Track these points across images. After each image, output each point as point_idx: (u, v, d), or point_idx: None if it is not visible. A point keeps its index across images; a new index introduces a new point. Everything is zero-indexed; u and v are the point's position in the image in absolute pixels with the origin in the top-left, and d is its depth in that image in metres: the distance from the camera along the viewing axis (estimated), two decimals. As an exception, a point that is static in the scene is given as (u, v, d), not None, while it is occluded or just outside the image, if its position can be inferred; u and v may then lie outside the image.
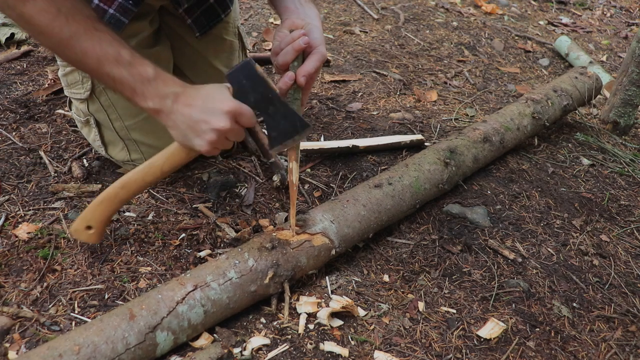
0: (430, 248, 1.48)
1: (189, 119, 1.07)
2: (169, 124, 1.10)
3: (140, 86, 1.07)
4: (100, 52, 1.04)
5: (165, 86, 1.07)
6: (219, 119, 1.05)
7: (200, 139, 1.08)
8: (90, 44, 1.04)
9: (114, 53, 1.05)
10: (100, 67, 1.06)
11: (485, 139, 1.76)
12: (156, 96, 1.07)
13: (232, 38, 1.66)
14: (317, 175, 1.73)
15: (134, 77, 1.06)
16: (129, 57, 1.05)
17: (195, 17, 1.50)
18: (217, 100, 1.06)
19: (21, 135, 1.71)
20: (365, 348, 1.15)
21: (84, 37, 1.03)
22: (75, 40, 1.03)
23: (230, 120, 1.06)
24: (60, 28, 1.02)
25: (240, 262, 1.15)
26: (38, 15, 1.00)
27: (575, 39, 3.56)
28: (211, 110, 1.05)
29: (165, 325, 1.02)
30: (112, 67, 1.05)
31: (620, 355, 1.25)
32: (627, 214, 1.79)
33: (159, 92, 1.07)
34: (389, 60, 2.72)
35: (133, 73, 1.06)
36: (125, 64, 1.05)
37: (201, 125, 1.06)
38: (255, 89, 1.08)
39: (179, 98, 1.07)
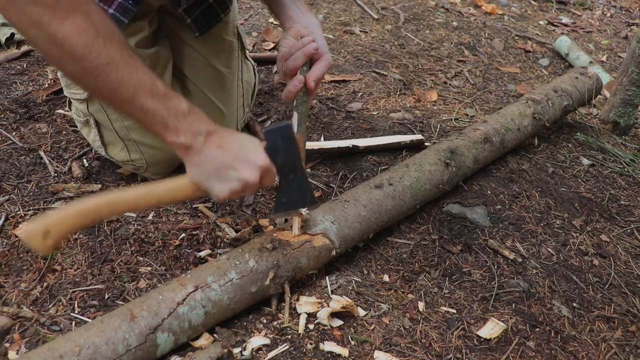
0: (430, 248, 1.48)
1: (219, 162, 1.03)
2: (194, 161, 1.05)
3: (173, 120, 1.01)
4: (137, 81, 0.97)
5: (199, 123, 1.04)
6: (250, 171, 1.03)
7: (223, 185, 1.05)
8: (128, 72, 0.96)
9: (150, 84, 0.99)
10: (135, 97, 0.99)
11: (486, 140, 1.76)
12: (189, 132, 1.02)
13: (231, 38, 1.65)
14: (317, 175, 1.73)
15: (169, 111, 1.01)
16: (163, 89, 1.01)
17: (195, 16, 1.50)
18: (252, 153, 1.05)
19: (21, 135, 1.71)
20: (365, 348, 1.15)
21: (121, 65, 0.95)
22: (112, 67, 0.94)
23: (258, 175, 1.04)
24: (98, 52, 0.92)
25: (241, 263, 1.15)
26: (76, 35, 0.90)
27: (575, 39, 3.56)
28: (245, 161, 1.03)
29: (166, 326, 1.02)
30: (147, 98, 0.99)
31: (620, 355, 1.25)
32: (627, 214, 1.79)
33: (192, 128, 1.03)
34: (389, 60, 2.72)
35: (168, 106, 1.00)
36: (161, 97, 1.00)
37: (229, 172, 1.03)
38: (287, 152, 1.09)
39: (212, 137, 1.04)
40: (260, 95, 2.19)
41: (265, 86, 2.26)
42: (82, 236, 1.35)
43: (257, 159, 1.05)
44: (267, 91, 2.23)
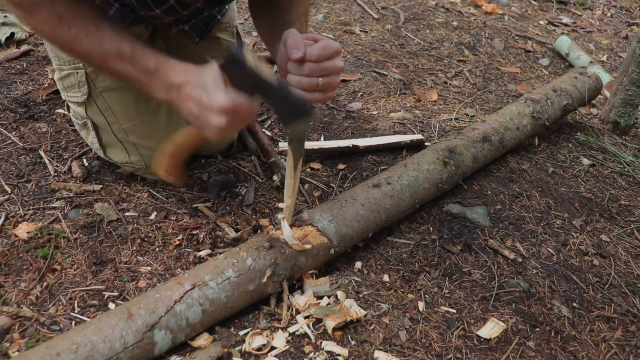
0: (430, 248, 1.48)
1: (194, 113, 1.07)
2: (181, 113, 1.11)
3: (145, 78, 1.09)
4: (102, 50, 1.08)
5: (167, 77, 1.08)
6: (214, 117, 1.04)
7: (207, 130, 1.08)
8: (91, 44, 1.08)
9: (115, 50, 1.08)
10: (105, 64, 1.11)
11: (485, 139, 1.76)
12: (162, 87, 1.09)
13: (230, 38, 1.65)
14: (317, 175, 1.73)
15: (138, 71, 1.09)
16: (129, 51, 1.08)
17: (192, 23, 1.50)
18: (212, 95, 1.03)
19: (21, 135, 1.71)
20: (365, 348, 1.15)
21: (85, 40, 1.08)
22: (77, 43, 1.08)
23: (225, 117, 1.04)
24: (62, 34, 1.08)
25: (239, 262, 1.15)
26: (42, 24, 1.07)
27: (576, 38, 3.56)
28: (207, 107, 1.04)
29: (163, 324, 1.02)
30: (115, 63, 1.09)
31: (620, 355, 1.25)
32: (627, 214, 1.79)
33: (164, 83, 1.09)
34: (389, 60, 2.72)
35: (136, 67, 1.08)
36: (127, 59, 1.08)
37: (203, 122, 1.07)
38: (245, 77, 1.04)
39: (182, 89, 1.07)
40: (260, 95, 2.19)
41: (265, 86, 2.26)
42: (82, 236, 1.35)
43: (215, 102, 1.02)
44: (267, 91, 2.23)
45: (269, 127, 1.97)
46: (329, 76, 1.07)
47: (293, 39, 1.06)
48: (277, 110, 1.11)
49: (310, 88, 1.07)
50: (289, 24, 1.24)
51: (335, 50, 1.06)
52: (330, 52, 1.05)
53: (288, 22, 1.25)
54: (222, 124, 1.04)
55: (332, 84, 1.09)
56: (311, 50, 1.04)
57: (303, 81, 1.06)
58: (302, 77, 1.06)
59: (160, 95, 1.11)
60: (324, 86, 1.07)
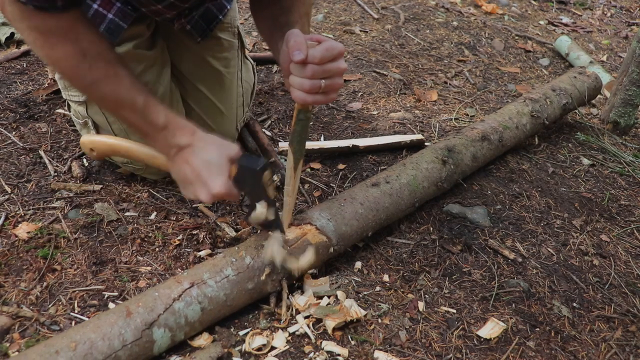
0: (430, 248, 1.48)
1: (183, 175, 1.15)
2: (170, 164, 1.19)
3: (152, 132, 1.15)
4: (117, 98, 1.12)
5: (172, 137, 1.14)
6: (204, 194, 1.12)
7: (187, 192, 1.17)
8: (109, 90, 1.11)
9: (130, 100, 1.11)
10: (117, 111, 1.16)
11: (484, 138, 1.76)
12: (164, 144, 1.16)
13: (231, 38, 1.65)
14: (317, 175, 1.73)
15: (147, 124, 1.14)
16: (142, 104, 1.12)
17: (194, 22, 1.50)
18: (212, 179, 1.10)
19: (21, 135, 1.71)
20: (365, 348, 1.15)
21: (103, 84, 1.10)
22: (96, 86, 1.11)
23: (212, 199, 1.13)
24: (83, 74, 1.09)
25: (237, 260, 1.15)
26: (65, 60, 1.07)
27: (576, 38, 3.56)
28: (203, 184, 1.11)
29: (162, 322, 1.02)
30: (127, 112, 1.14)
31: (620, 355, 1.25)
32: (627, 214, 1.79)
33: (167, 141, 1.14)
34: (389, 60, 2.72)
35: (146, 120, 1.13)
36: (140, 111, 1.12)
37: (189, 187, 1.15)
38: (253, 187, 1.13)
39: (183, 152, 1.14)
40: (260, 94, 2.19)
41: (265, 86, 2.26)
42: (82, 236, 1.35)
43: (213, 187, 1.10)
44: (267, 91, 2.23)
45: (269, 127, 1.97)
46: (332, 78, 1.06)
47: (295, 40, 1.04)
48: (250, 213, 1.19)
49: (312, 90, 1.06)
50: (291, 23, 1.23)
51: (339, 51, 1.05)
52: (333, 54, 1.04)
53: (290, 22, 1.24)
54: (205, 200, 1.13)
55: (335, 86, 1.08)
56: (314, 52, 1.03)
57: (305, 83, 1.05)
58: (304, 79, 1.05)
59: (159, 149, 1.18)
60: (326, 88, 1.06)
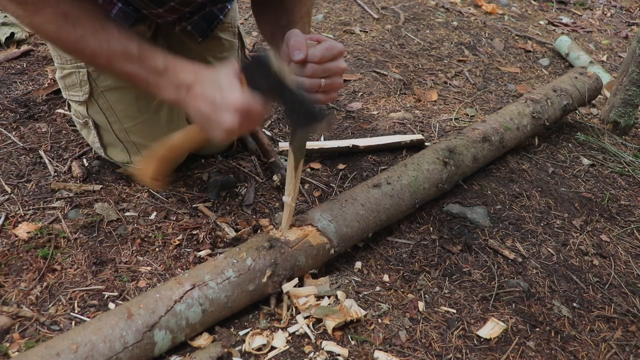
0: (430, 248, 1.48)
1: (204, 113, 1.06)
2: (187, 111, 1.11)
3: (153, 78, 1.07)
4: (108, 50, 1.06)
5: (176, 77, 1.07)
6: (229, 117, 1.03)
7: (216, 131, 1.07)
8: (98, 44, 1.05)
9: (122, 49, 1.05)
10: (111, 64, 1.08)
11: (485, 139, 1.76)
12: (170, 87, 1.08)
13: (232, 38, 1.65)
14: (317, 175, 1.73)
15: (146, 70, 1.07)
16: (137, 51, 1.06)
17: (195, 23, 1.50)
18: (227, 93, 1.02)
19: (21, 135, 1.71)
20: (365, 348, 1.15)
21: (91, 39, 1.05)
22: (83, 43, 1.05)
23: (239, 117, 1.03)
24: (67, 34, 1.04)
25: (238, 262, 1.15)
26: (46, 24, 1.04)
27: (576, 38, 3.56)
28: (221, 106, 1.03)
29: (163, 324, 1.02)
30: (122, 63, 1.07)
31: (620, 355, 1.25)
32: (627, 214, 1.79)
33: (172, 83, 1.07)
34: (389, 60, 2.72)
35: (144, 67, 1.06)
36: (135, 59, 1.06)
37: (214, 122, 1.05)
38: (268, 81, 1.03)
39: (192, 89, 1.06)
40: (260, 95, 2.19)
41: (265, 86, 2.26)
42: (82, 236, 1.35)
43: (232, 101, 1.01)
44: (267, 91, 2.23)
45: (269, 127, 1.97)
46: (332, 77, 1.07)
47: (295, 39, 1.04)
48: (291, 113, 1.10)
49: (312, 89, 1.06)
50: (292, 24, 1.23)
51: (338, 51, 1.05)
52: (333, 54, 1.04)
53: (291, 22, 1.24)
54: (234, 123, 1.03)
55: (335, 85, 1.08)
56: (314, 52, 1.03)
57: (305, 82, 1.05)
58: (304, 78, 1.05)
59: (168, 95, 1.09)
60: (326, 87, 1.06)
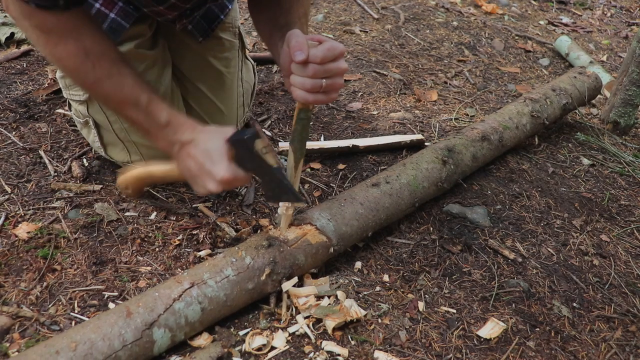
0: (430, 248, 1.48)
1: (189, 171, 1.16)
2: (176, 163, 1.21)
3: (154, 130, 1.17)
4: (122, 96, 1.13)
5: (174, 134, 1.16)
6: (211, 183, 1.13)
7: (197, 187, 1.18)
8: (112, 88, 1.13)
9: (134, 98, 1.13)
10: (120, 109, 1.18)
11: (484, 138, 1.76)
12: (166, 141, 1.18)
13: (232, 38, 1.65)
14: (317, 175, 1.73)
15: (150, 122, 1.16)
16: (145, 102, 1.14)
17: (196, 22, 1.50)
18: (214, 164, 1.11)
19: (21, 135, 1.71)
20: (365, 348, 1.15)
21: (107, 82, 1.11)
22: (99, 84, 1.12)
23: (219, 187, 1.13)
24: (86, 73, 1.10)
25: (237, 260, 1.15)
26: (67, 58, 1.08)
27: (576, 38, 3.56)
28: (207, 173, 1.12)
29: (162, 322, 1.02)
30: (131, 110, 1.15)
31: (620, 355, 1.25)
32: (627, 214, 1.79)
33: (169, 138, 1.17)
34: (389, 60, 2.72)
35: (149, 118, 1.15)
36: (143, 109, 1.14)
37: (197, 180, 1.16)
38: (252, 160, 1.12)
39: (185, 147, 1.15)
40: (260, 94, 2.19)
41: (265, 86, 2.26)
42: (82, 236, 1.35)
43: (217, 173, 1.11)
44: (267, 91, 2.23)
45: (269, 127, 1.97)
46: (333, 78, 1.07)
47: (296, 40, 1.05)
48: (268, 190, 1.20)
49: (313, 89, 1.07)
50: (290, 24, 1.23)
51: (340, 52, 1.06)
52: (334, 54, 1.05)
53: (289, 23, 1.24)
54: (216, 189, 1.13)
55: (336, 86, 1.09)
56: (315, 52, 1.04)
57: (306, 83, 1.06)
58: (305, 79, 1.06)
59: (162, 146, 1.19)
60: (327, 88, 1.07)
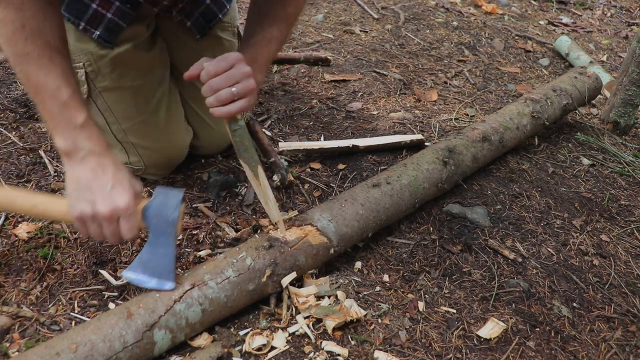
0: (430, 248, 1.48)
1: (84, 182, 1.05)
2: (69, 171, 1.08)
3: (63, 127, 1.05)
4: (42, 82, 1.03)
5: (87, 140, 1.06)
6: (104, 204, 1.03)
7: (77, 203, 1.06)
8: (36, 70, 1.03)
9: (55, 88, 1.04)
10: (37, 94, 1.05)
11: (484, 139, 1.76)
12: (73, 143, 1.06)
13: (231, 38, 1.65)
14: (317, 175, 1.73)
15: (63, 118, 1.05)
16: (67, 97, 1.04)
17: (195, 19, 1.50)
18: (118, 193, 1.04)
19: (21, 135, 1.71)
20: (365, 348, 1.15)
21: (32, 62, 1.02)
22: (25, 60, 1.02)
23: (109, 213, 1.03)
24: (16, 43, 1.01)
25: (238, 261, 1.15)
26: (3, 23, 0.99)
27: (576, 38, 3.56)
28: (106, 194, 1.03)
29: (163, 323, 1.02)
30: (47, 99, 1.04)
31: (620, 355, 1.25)
32: (627, 214, 1.79)
33: (77, 142, 1.06)
34: (389, 60, 2.72)
35: (63, 114, 1.05)
36: (60, 103, 1.04)
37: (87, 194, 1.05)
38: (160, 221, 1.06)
39: (92, 158, 1.06)
40: (260, 94, 2.19)
41: (265, 86, 2.26)
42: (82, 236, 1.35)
43: (120, 199, 1.03)
44: (267, 91, 2.23)
45: (269, 127, 1.97)
46: (241, 82, 1.09)
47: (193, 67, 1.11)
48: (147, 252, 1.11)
49: (227, 100, 1.09)
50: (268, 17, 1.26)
51: (233, 58, 1.10)
52: (228, 63, 1.09)
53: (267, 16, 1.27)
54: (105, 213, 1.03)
55: (249, 87, 1.10)
56: (208, 67, 1.08)
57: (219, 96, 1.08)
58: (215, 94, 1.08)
59: (64, 146, 1.06)
60: (240, 93, 1.09)
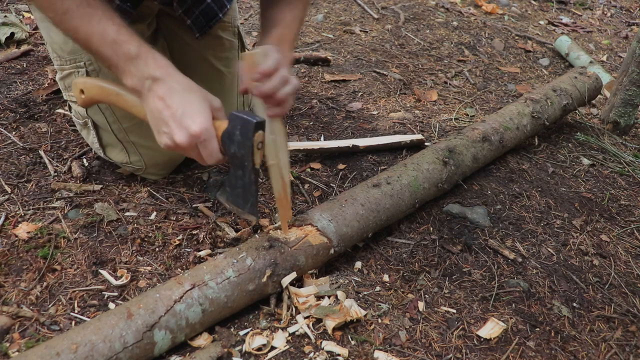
0: (430, 248, 1.48)
1: (157, 115, 1.04)
2: (145, 104, 1.08)
3: (122, 63, 1.05)
4: (89, 29, 1.04)
5: (145, 67, 1.05)
6: (181, 134, 1.02)
7: (159, 136, 1.07)
8: (80, 21, 1.04)
9: (100, 31, 1.04)
10: (88, 44, 1.06)
11: (484, 139, 1.76)
12: (136, 77, 1.05)
13: (232, 38, 1.66)
14: (317, 175, 1.73)
15: (118, 55, 1.05)
16: (114, 34, 1.04)
17: (195, 17, 1.50)
18: (192, 117, 1.01)
19: (21, 135, 1.71)
20: (365, 348, 1.15)
21: (76, 14, 1.03)
22: (68, 16, 1.03)
23: (188, 142, 1.02)
24: (55, 5, 1.03)
25: (238, 261, 1.15)
26: None
27: (576, 38, 3.56)
28: (179, 123, 1.01)
29: (163, 324, 1.02)
30: (99, 44, 1.05)
31: (620, 355, 1.25)
32: (627, 214, 1.79)
33: (140, 72, 1.05)
34: (389, 60, 2.72)
35: (117, 51, 1.04)
36: (110, 42, 1.04)
37: (163, 127, 1.04)
38: (240, 147, 1.03)
39: (157, 85, 1.04)
40: (260, 95, 2.19)
41: (265, 86, 2.26)
42: (82, 236, 1.35)
43: (192, 125, 1.01)
44: (267, 91, 2.23)
45: (269, 127, 1.97)
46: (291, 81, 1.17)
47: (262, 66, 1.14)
48: (229, 185, 1.10)
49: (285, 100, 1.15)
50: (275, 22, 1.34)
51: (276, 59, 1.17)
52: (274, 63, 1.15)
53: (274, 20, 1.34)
54: (184, 143, 1.02)
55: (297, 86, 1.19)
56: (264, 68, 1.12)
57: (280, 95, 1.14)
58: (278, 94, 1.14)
59: (131, 83, 1.07)
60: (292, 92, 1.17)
